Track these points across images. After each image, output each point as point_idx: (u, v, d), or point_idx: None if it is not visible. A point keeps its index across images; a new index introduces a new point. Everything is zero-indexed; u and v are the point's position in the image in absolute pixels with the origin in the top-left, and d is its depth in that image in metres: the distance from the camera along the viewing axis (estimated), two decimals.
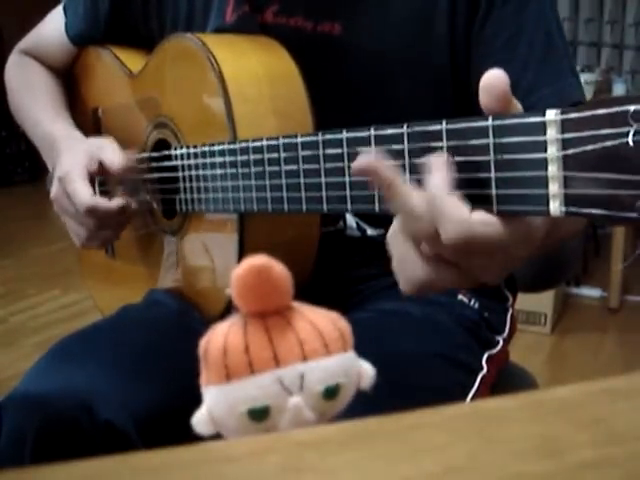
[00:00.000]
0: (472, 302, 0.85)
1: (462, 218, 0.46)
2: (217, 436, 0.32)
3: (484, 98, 0.47)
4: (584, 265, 2.83)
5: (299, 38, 0.80)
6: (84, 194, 0.86)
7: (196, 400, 0.33)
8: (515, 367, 1.01)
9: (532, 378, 1.02)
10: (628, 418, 0.27)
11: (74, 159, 0.89)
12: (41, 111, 1.03)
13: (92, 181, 0.89)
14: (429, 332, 0.80)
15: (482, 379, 0.81)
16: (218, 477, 0.25)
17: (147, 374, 0.75)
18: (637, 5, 3.23)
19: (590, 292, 2.76)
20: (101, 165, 0.88)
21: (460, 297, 0.85)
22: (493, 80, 0.46)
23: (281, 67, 0.79)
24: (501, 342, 0.87)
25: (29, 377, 0.74)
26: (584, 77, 2.74)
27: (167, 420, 0.71)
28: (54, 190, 0.91)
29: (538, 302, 2.39)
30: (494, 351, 0.85)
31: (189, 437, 0.30)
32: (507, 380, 0.93)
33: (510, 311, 0.92)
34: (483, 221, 0.46)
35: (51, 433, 0.68)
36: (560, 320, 2.54)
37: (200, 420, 0.33)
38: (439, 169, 0.48)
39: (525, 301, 2.35)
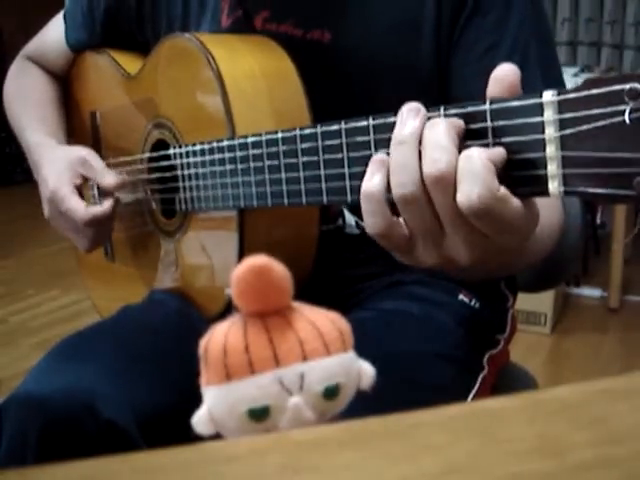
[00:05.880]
0: (472, 302, 0.86)
1: (493, 186, 0.46)
2: (217, 436, 0.32)
3: (495, 89, 0.48)
4: (584, 265, 2.83)
5: (289, 45, 0.80)
6: (79, 210, 0.89)
7: (197, 400, 0.33)
8: (515, 367, 1.01)
9: (532, 378, 1.02)
10: (628, 418, 0.27)
11: (56, 175, 0.92)
12: (27, 119, 1.05)
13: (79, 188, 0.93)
14: (429, 332, 0.80)
15: (483, 379, 0.81)
16: (218, 477, 0.25)
17: (149, 373, 0.76)
18: (637, 5, 3.23)
19: (590, 292, 2.76)
20: (84, 177, 0.92)
21: (460, 297, 0.85)
22: (505, 72, 0.48)
23: (278, 66, 0.79)
24: (502, 342, 0.88)
25: (30, 378, 0.74)
26: (584, 77, 2.74)
27: (169, 419, 0.71)
28: (47, 211, 0.94)
29: (538, 302, 2.39)
30: (495, 351, 0.85)
31: (189, 437, 0.30)
32: (507, 380, 0.93)
33: (510, 311, 0.92)
34: (509, 197, 0.47)
35: (53, 433, 0.68)
36: (560, 320, 2.54)
37: (200, 420, 0.32)
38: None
39: (525, 301, 2.35)
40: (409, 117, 0.51)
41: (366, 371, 0.34)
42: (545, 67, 0.77)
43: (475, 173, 0.46)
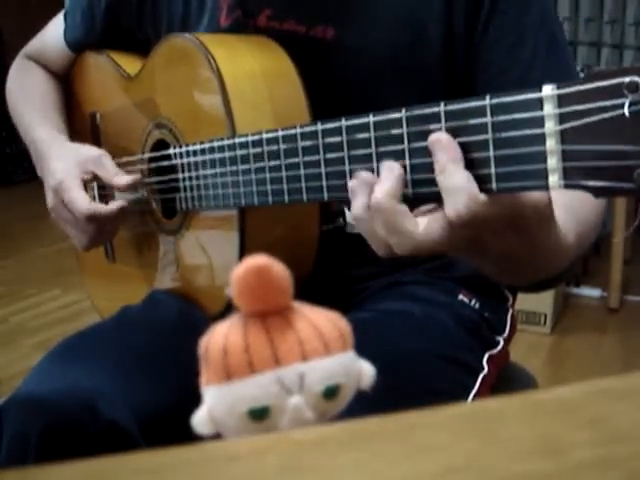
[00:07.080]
0: (472, 302, 0.85)
1: (473, 193, 0.48)
2: (217, 436, 0.32)
3: None
4: (584, 265, 2.83)
5: (292, 42, 0.80)
6: (82, 202, 0.88)
7: (197, 400, 0.33)
8: (515, 367, 1.01)
9: (532, 378, 1.02)
10: (628, 418, 0.27)
11: (66, 167, 0.91)
12: (30, 116, 1.04)
13: (85, 186, 0.91)
14: (429, 332, 0.80)
15: (483, 379, 0.80)
16: (218, 477, 0.25)
17: (150, 374, 0.76)
18: (637, 5, 3.23)
19: (590, 292, 2.75)
20: (94, 175, 0.91)
21: (460, 297, 0.85)
22: None
23: (278, 65, 0.79)
24: (502, 342, 0.87)
25: (31, 378, 0.74)
26: None
27: (171, 419, 0.71)
28: (50, 200, 0.93)
29: (538, 302, 2.39)
30: (495, 351, 0.85)
31: (190, 437, 0.30)
32: (507, 380, 0.93)
33: (510, 311, 0.92)
34: (489, 201, 0.48)
35: (55, 434, 0.68)
36: (560, 320, 2.54)
37: (200, 420, 0.32)
38: (448, 146, 0.49)
39: (525, 301, 2.35)
40: (358, 193, 0.55)
41: (366, 371, 0.34)
42: (569, 54, 0.79)
43: (450, 185, 0.49)
